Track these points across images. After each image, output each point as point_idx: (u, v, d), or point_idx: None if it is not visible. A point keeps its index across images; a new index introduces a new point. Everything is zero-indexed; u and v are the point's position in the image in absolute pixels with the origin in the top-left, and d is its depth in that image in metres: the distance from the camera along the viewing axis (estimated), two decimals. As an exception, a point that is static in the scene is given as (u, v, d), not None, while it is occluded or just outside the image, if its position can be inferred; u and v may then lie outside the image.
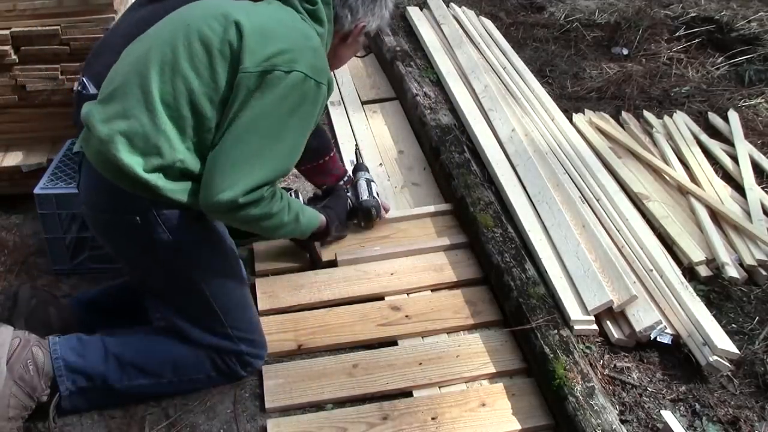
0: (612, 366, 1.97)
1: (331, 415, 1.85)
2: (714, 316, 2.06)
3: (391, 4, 1.97)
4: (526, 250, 2.30)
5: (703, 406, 1.88)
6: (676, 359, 2.00)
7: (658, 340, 1.99)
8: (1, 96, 2.58)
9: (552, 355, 1.86)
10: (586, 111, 3.26)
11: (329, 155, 2.43)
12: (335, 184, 2.41)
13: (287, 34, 1.70)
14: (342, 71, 3.61)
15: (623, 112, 3.26)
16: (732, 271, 2.27)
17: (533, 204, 2.49)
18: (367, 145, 3.04)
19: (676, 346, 2.02)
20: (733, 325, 2.13)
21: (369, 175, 2.50)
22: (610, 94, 3.48)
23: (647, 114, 3.23)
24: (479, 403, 1.86)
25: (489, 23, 4.06)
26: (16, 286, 2.01)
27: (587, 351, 2.00)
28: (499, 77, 3.42)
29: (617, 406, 1.85)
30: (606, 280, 2.12)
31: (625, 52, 3.93)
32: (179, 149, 1.65)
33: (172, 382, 1.87)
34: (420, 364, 1.97)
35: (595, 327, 2.04)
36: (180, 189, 1.68)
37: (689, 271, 2.30)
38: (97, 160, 1.70)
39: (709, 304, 2.16)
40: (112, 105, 1.68)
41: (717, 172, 2.83)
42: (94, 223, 1.82)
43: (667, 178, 2.75)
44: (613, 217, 2.46)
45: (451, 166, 2.67)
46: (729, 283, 2.26)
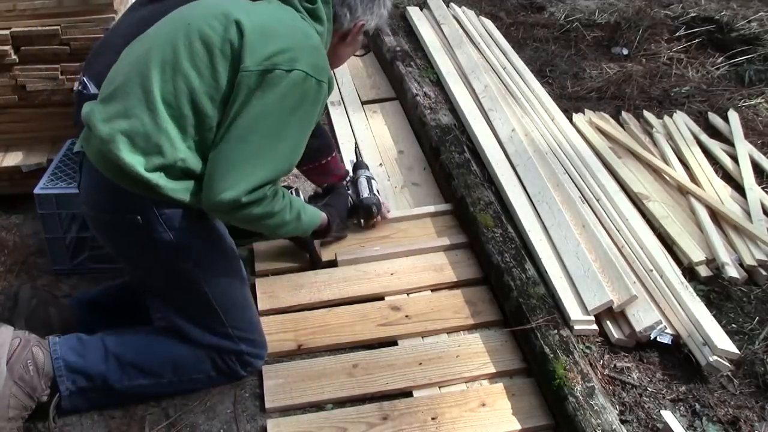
0: (612, 366, 1.97)
1: (331, 415, 1.85)
2: (714, 316, 2.06)
3: (390, 3, 1.97)
4: (526, 250, 2.30)
5: (703, 406, 1.88)
6: (676, 359, 2.00)
7: (658, 340, 1.99)
8: (1, 96, 2.58)
9: (552, 355, 1.86)
10: (586, 111, 3.26)
11: (331, 155, 2.43)
12: (336, 182, 2.41)
13: (287, 32, 1.70)
14: (342, 71, 3.61)
15: (623, 112, 3.26)
16: (732, 271, 2.27)
17: (533, 204, 2.50)
18: (367, 145, 3.04)
19: (676, 346, 2.02)
20: (733, 325, 2.13)
21: (369, 172, 2.50)
22: (610, 94, 3.48)
23: (647, 114, 3.23)
24: (479, 403, 1.86)
25: (489, 23, 4.06)
26: (16, 286, 2.01)
27: (587, 351, 2.00)
28: (499, 77, 3.42)
29: (617, 406, 1.85)
30: (606, 280, 2.12)
31: (625, 52, 3.93)
32: (180, 148, 1.65)
33: (172, 382, 1.87)
34: (420, 364, 1.97)
35: (595, 327, 2.04)
36: (181, 188, 1.68)
37: (689, 271, 2.30)
38: (98, 159, 1.70)
39: (709, 304, 2.16)
40: (113, 104, 1.68)
41: (717, 172, 2.83)
42: (94, 223, 1.82)
43: (667, 178, 2.75)
44: (613, 217, 2.46)
45: (451, 166, 2.67)
46: (729, 283, 2.26)
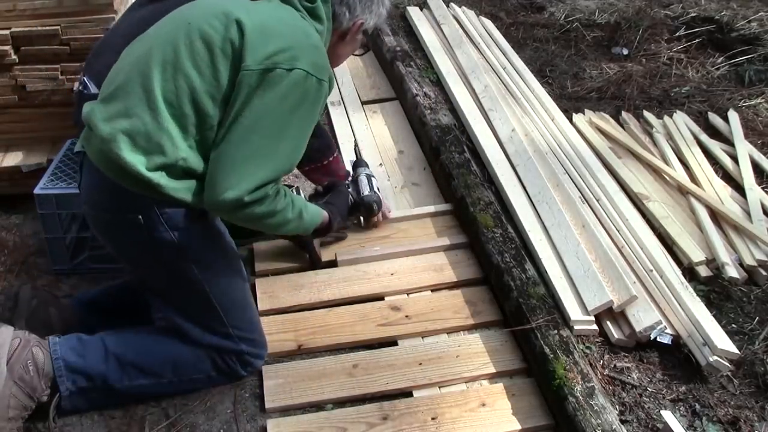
0: (612, 366, 1.97)
1: (331, 415, 1.85)
2: (714, 316, 2.06)
3: (388, 2, 1.98)
4: (526, 250, 2.30)
5: (703, 406, 1.88)
6: (676, 359, 2.00)
7: (658, 340, 1.99)
8: (1, 96, 2.58)
9: (552, 355, 1.86)
10: (586, 111, 3.26)
11: (332, 156, 2.43)
12: (336, 181, 2.41)
13: (288, 31, 1.71)
14: (342, 71, 3.61)
15: (623, 112, 3.26)
16: (732, 271, 2.27)
17: (533, 204, 2.50)
18: (367, 145, 3.04)
19: (676, 346, 2.02)
20: (733, 325, 2.13)
21: (369, 170, 2.49)
22: (610, 94, 3.48)
23: (647, 114, 3.23)
24: (479, 403, 1.86)
25: (489, 23, 4.06)
26: (16, 286, 2.01)
27: (587, 351, 2.00)
28: (499, 77, 3.42)
29: (617, 406, 1.85)
30: (606, 280, 2.12)
31: (625, 52, 3.93)
32: (181, 147, 1.66)
33: (173, 382, 1.87)
34: (420, 364, 1.97)
35: (595, 327, 2.04)
36: (182, 187, 1.68)
37: (689, 271, 2.30)
38: (99, 159, 1.70)
39: (709, 304, 2.16)
40: (114, 104, 1.68)
41: (717, 172, 2.83)
42: (95, 223, 1.82)
43: (667, 178, 2.75)
44: (613, 217, 2.46)
45: (451, 166, 2.67)
46: (729, 283, 2.26)
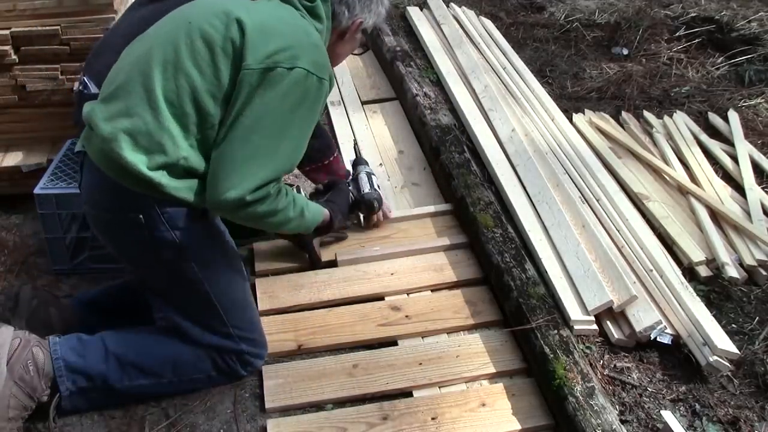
0: (612, 366, 1.97)
1: (331, 415, 1.85)
2: (714, 316, 2.06)
3: (387, 1, 1.98)
4: (526, 250, 2.30)
5: (703, 406, 1.88)
6: (676, 359, 2.00)
7: (658, 340, 1.99)
8: (1, 96, 2.58)
9: (552, 355, 1.86)
10: (586, 111, 3.26)
11: (333, 156, 2.43)
12: (336, 179, 2.41)
13: (288, 30, 1.71)
14: (342, 71, 3.61)
15: (623, 112, 3.26)
16: (732, 271, 2.27)
17: (533, 204, 2.50)
18: (367, 145, 3.04)
19: (676, 346, 2.02)
20: (733, 325, 2.13)
21: (369, 168, 2.49)
22: (610, 94, 3.48)
23: (647, 114, 3.22)
24: (479, 403, 1.86)
25: (489, 23, 4.06)
26: (17, 286, 2.01)
27: (587, 351, 2.00)
28: (499, 77, 3.42)
29: (617, 406, 1.85)
30: (606, 280, 2.12)
31: (625, 52, 3.93)
32: (182, 146, 1.66)
33: (173, 382, 1.87)
34: (420, 364, 1.97)
35: (595, 327, 2.04)
36: (184, 187, 1.68)
37: (689, 271, 2.30)
38: (100, 158, 1.70)
39: (709, 304, 2.16)
40: (115, 103, 1.68)
41: (717, 172, 2.83)
42: (95, 222, 1.82)
43: (667, 178, 2.75)
44: (613, 217, 2.46)
45: (451, 166, 2.67)
46: (729, 283, 2.26)
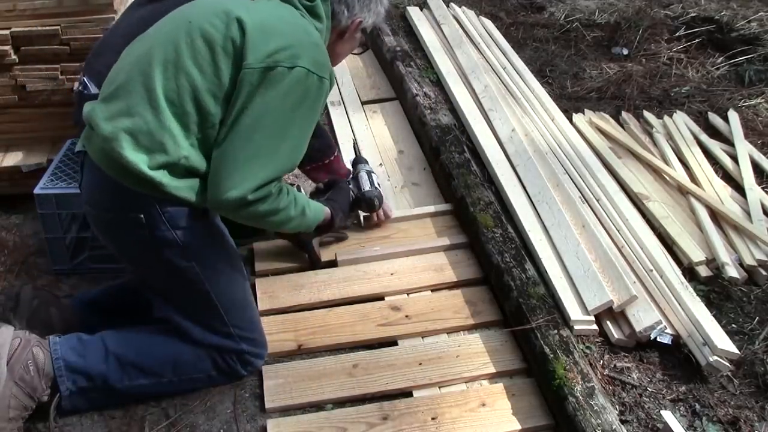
0: (612, 366, 1.97)
1: (331, 415, 1.85)
2: (714, 316, 2.06)
3: (387, 1, 1.98)
4: (526, 250, 2.30)
5: (703, 406, 1.88)
6: (676, 359, 2.01)
7: (658, 340, 1.99)
8: (1, 96, 2.58)
9: (552, 355, 1.86)
10: (586, 111, 3.26)
11: (333, 155, 2.43)
12: (336, 178, 2.41)
13: (288, 30, 1.71)
14: (342, 71, 3.61)
15: (623, 112, 3.26)
16: (732, 271, 2.27)
17: (533, 204, 2.50)
18: (367, 145, 3.04)
19: (676, 346, 2.02)
20: (733, 325, 2.13)
21: (369, 166, 2.49)
22: (610, 94, 3.48)
23: (647, 114, 3.22)
24: (479, 403, 1.86)
25: (489, 23, 4.06)
26: (17, 286, 2.01)
27: (587, 351, 2.00)
28: (499, 77, 3.42)
29: (617, 406, 1.85)
30: (606, 280, 2.12)
31: (625, 52, 3.93)
32: (183, 146, 1.66)
33: (173, 382, 1.87)
34: (420, 364, 1.97)
35: (595, 327, 2.04)
36: (185, 186, 1.68)
37: (689, 271, 2.30)
38: (101, 158, 1.70)
39: (709, 304, 2.16)
40: (116, 103, 1.68)
41: (717, 172, 2.83)
42: (96, 222, 1.82)
43: (667, 178, 2.75)
44: (613, 217, 2.46)
45: (451, 166, 2.67)
46: (729, 283, 2.26)
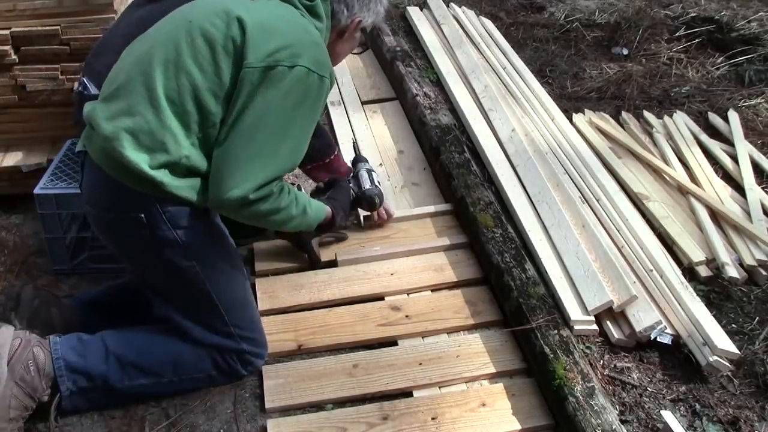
0: (612, 366, 1.97)
1: (331, 415, 1.85)
2: (714, 316, 2.06)
3: (386, 0, 1.98)
4: (526, 250, 2.30)
5: (703, 406, 1.88)
6: (676, 359, 2.01)
7: (658, 340, 1.99)
8: (1, 96, 2.58)
9: (552, 355, 1.86)
10: (586, 111, 3.26)
11: (333, 154, 2.43)
12: (337, 177, 2.41)
13: (289, 29, 1.72)
14: (342, 71, 3.61)
15: (623, 112, 3.26)
16: (732, 271, 2.27)
17: (533, 204, 2.50)
18: (367, 145, 3.04)
19: (676, 346, 2.02)
20: (733, 325, 2.13)
21: (369, 165, 2.49)
22: (610, 94, 3.48)
23: (647, 114, 3.23)
24: (479, 403, 1.86)
25: (489, 23, 4.06)
26: (18, 286, 2.01)
27: (587, 351, 2.00)
28: (499, 77, 3.42)
29: (617, 406, 1.85)
30: (606, 280, 2.12)
31: (625, 52, 3.93)
32: (184, 145, 1.66)
33: (173, 382, 1.87)
34: (420, 364, 1.97)
35: (595, 327, 2.04)
36: (186, 185, 1.69)
37: (689, 271, 2.30)
38: (102, 157, 1.70)
39: (709, 304, 2.16)
40: (116, 103, 1.68)
41: (717, 172, 2.83)
42: (96, 222, 1.82)
43: (667, 178, 2.75)
44: (613, 217, 2.46)
45: (451, 166, 2.67)
46: (729, 283, 2.26)
